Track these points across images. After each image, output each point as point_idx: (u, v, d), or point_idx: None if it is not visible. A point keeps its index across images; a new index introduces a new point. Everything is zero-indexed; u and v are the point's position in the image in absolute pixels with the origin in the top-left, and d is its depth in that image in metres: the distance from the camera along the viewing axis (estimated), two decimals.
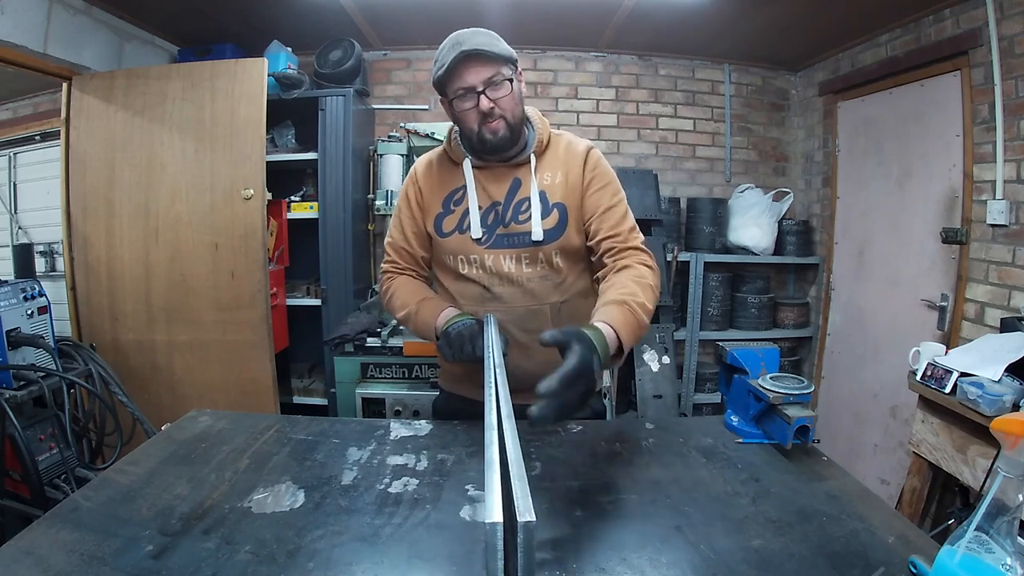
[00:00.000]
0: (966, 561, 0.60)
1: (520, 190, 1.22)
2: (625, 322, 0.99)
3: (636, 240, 1.20)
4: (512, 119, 1.16)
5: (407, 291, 1.27)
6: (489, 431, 0.60)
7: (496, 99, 1.12)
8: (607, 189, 1.22)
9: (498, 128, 1.15)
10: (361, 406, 2.34)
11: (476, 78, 1.11)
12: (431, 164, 1.30)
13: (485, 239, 1.22)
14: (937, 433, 1.73)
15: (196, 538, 0.79)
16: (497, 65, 1.12)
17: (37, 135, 3.10)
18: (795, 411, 1.03)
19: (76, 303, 2.47)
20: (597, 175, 1.23)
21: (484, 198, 1.23)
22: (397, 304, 1.27)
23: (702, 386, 3.22)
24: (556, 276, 1.24)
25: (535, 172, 1.22)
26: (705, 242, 3.13)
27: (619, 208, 1.22)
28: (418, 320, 1.23)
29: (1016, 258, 2.00)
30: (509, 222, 1.21)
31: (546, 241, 1.20)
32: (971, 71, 2.16)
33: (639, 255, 1.18)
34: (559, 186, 1.22)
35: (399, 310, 1.26)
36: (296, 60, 2.76)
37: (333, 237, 2.73)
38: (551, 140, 1.26)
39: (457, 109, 1.15)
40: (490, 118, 1.13)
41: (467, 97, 1.13)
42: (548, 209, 1.21)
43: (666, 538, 0.81)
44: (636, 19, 2.67)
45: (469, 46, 1.08)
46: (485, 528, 0.43)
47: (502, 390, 0.71)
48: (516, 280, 1.22)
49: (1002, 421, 0.60)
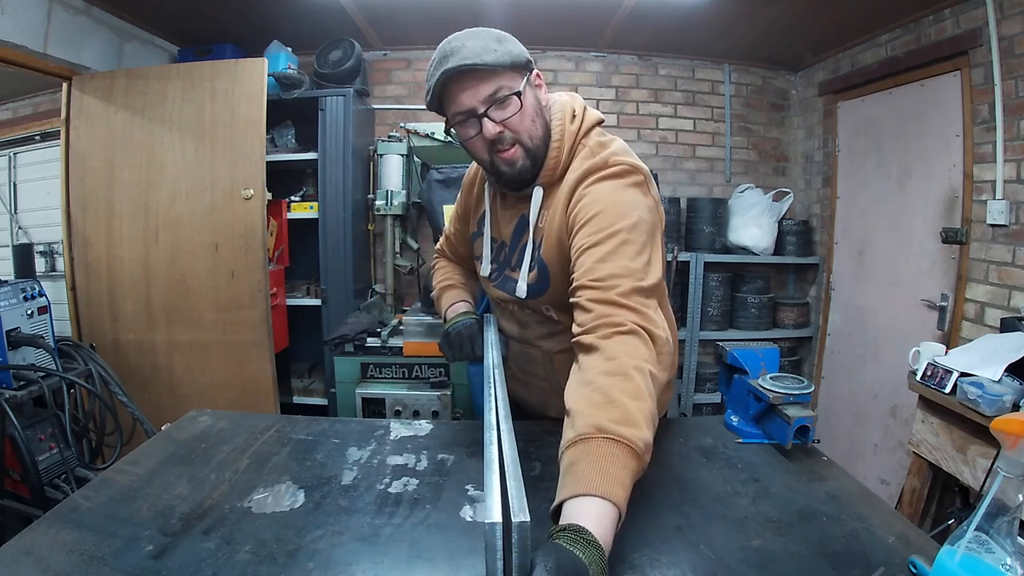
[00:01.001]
0: (966, 561, 0.60)
1: (524, 232, 1.04)
2: (602, 470, 0.64)
3: (619, 289, 0.80)
4: (530, 141, 0.95)
5: (442, 273, 1.32)
6: (488, 431, 0.60)
7: (503, 120, 0.92)
8: (591, 225, 0.88)
9: (514, 158, 0.95)
10: (361, 406, 2.34)
11: (473, 99, 0.91)
12: (477, 170, 1.18)
13: (494, 277, 1.14)
14: (937, 433, 1.73)
15: (196, 538, 0.79)
16: (497, 78, 0.90)
17: (37, 135, 3.10)
18: (795, 411, 1.03)
19: (76, 303, 2.47)
20: (580, 209, 0.92)
21: (496, 232, 1.12)
22: (434, 283, 1.32)
23: (702, 386, 3.22)
24: (552, 326, 1.08)
25: (540, 209, 1.00)
26: (705, 242, 3.13)
27: (603, 247, 0.85)
28: (439, 305, 1.26)
29: (1016, 258, 2.00)
30: (515, 266, 1.07)
31: (529, 298, 1.04)
32: (971, 71, 2.16)
33: (622, 315, 0.78)
34: (545, 231, 0.99)
35: (434, 289, 1.31)
36: (296, 60, 2.76)
37: (333, 237, 2.73)
38: (574, 162, 0.98)
39: (462, 138, 0.96)
40: (500, 144, 0.94)
41: (468, 122, 0.93)
42: (533, 263, 1.01)
43: (666, 538, 0.81)
44: (636, 19, 2.67)
45: (456, 61, 0.87)
46: (484, 528, 0.43)
47: (500, 390, 0.71)
48: (518, 320, 1.15)
49: (1002, 421, 0.60)
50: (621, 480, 0.64)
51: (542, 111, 0.98)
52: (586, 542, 0.57)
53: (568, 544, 0.56)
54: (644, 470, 0.69)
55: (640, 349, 0.76)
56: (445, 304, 1.22)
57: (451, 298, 1.23)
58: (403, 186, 2.73)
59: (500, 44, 0.91)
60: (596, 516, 0.61)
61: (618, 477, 0.64)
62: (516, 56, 0.92)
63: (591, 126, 1.02)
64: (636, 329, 0.77)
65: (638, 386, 0.72)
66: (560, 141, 0.98)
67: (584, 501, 0.62)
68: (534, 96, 0.96)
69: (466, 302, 1.23)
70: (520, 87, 0.92)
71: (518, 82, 0.93)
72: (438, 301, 1.26)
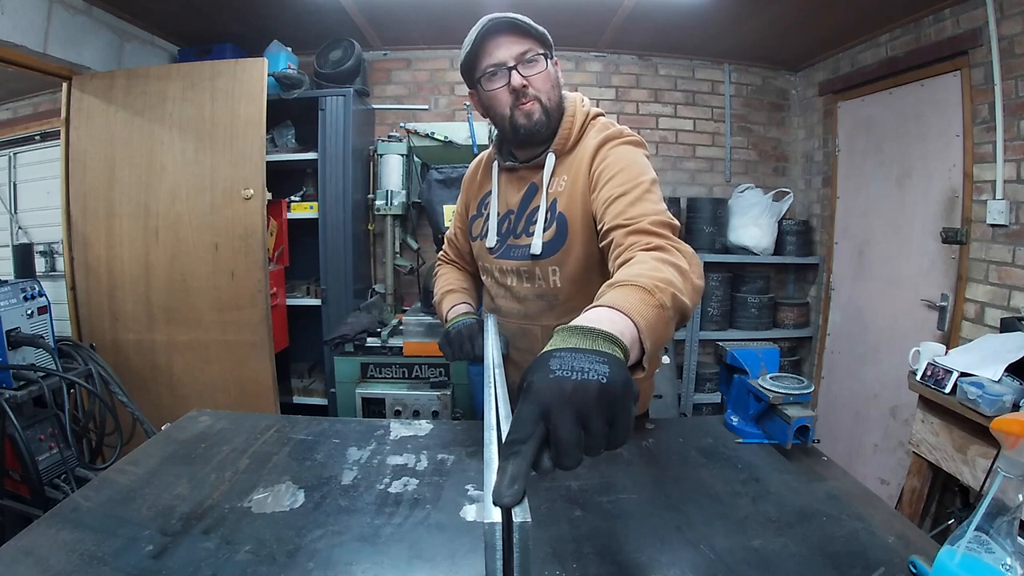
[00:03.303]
0: (966, 561, 0.60)
1: (534, 198, 1.13)
2: (629, 297, 0.63)
3: (648, 218, 0.87)
4: (548, 101, 1.06)
5: (444, 280, 1.33)
6: (488, 431, 0.59)
7: (529, 76, 1.03)
8: (617, 178, 0.98)
9: (532, 110, 1.05)
10: (361, 406, 2.34)
11: (507, 52, 1.02)
12: (479, 163, 1.29)
13: (497, 248, 1.19)
14: (937, 433, 1.73)
15: (196, 538, 0.79)
16: (530, 41, 1.04)
17: (37, 135, 3.10)
18: (795, 411, 1.03)
19: (76, 303, 2.47)
20: (605, 167, 1.02)
21: (503, 204, 1.19)
22: (435, 289, 1.33)
23: (702, 386, 3.22)
24: (552, 297, 1.13)
25: (552, 175, 1.10)
26: (705, 242, 3.13)
27: (631, 195, 0.94)
28: (439, 309, 1.26)
29: (1016, 258, 2.00)
30: (520, 233, 1.15)
31: (543, 255, 1.10)
32: (971, 71, 2.16)
33: (653, 239, 0.84)
34: (564, 193, 1.09)
35: (435, 295, 1.31)
36: (296, 60, 2.76)
37: (333, 237, 2.73)
38: (584, 136, 1.11)
39: (486, 89, 1.05)
40: (523, 97, 1.04)
41: (497, 75, 1.04)
42: (551, 220, 1.10)
43: (666, 538, 0.81)
44: (636, 19, 2.67)
45: (500, 16, 1.02)
46: (484, 529, 0.43)
47: (501, 390, 0.71)
48: (515, 294, 1.18)
49: (1002, 421, 0.60)
50: (636, 305, 0.61)
51: (559, 85, 1.10)
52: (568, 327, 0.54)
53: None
54: (671, 310, 0.66)
55: (673, 256, 0.79)
56: (446, 307, 1.23)
57: (452, 301, 1.24)
58: (403, 186, 2.73)
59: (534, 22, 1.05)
60: (602, 315, 0.59)
61: (632, 300, 0.62)
62: (544, 35, 1.06)
63: (596, 114, 1.16)
64: (667, 247, 0.82)
65: (672, 263, 0.75)
66: (572, 117, 1.10)
67: (594, 311, 0.60)
68: (556, 70, 1.08)
69: (467, 304, 1.24)
70: (547, 54, 1.06)
71: (545, 51, 1.06)
72: (439, 305, 1.27)
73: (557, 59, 1.09)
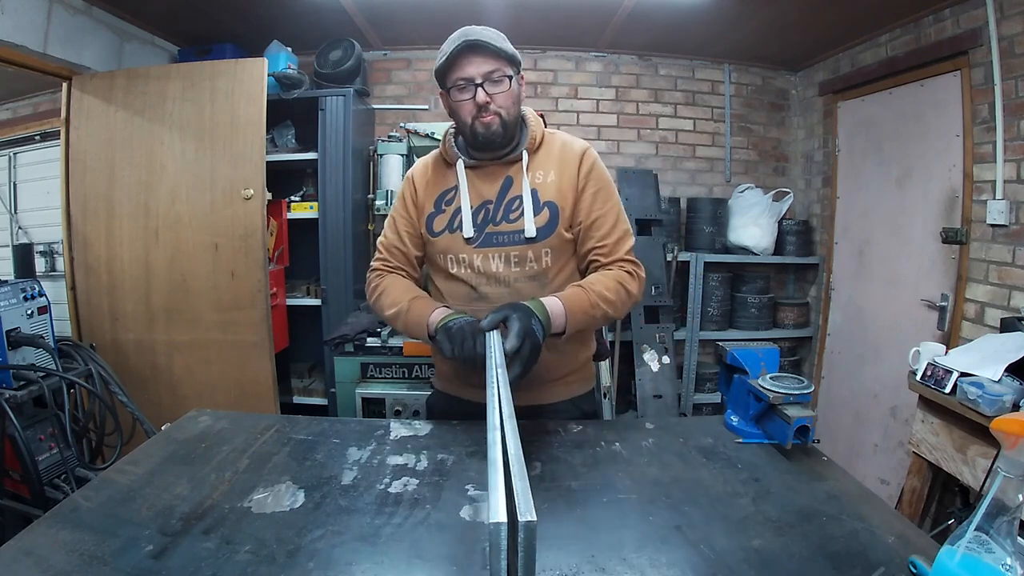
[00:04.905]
0: (966, 561, 0.60)
1: (511, 188, 1.23)
2: (572, 296, 1.12)
3: (623, 250, 1.22)
4: (507, 116, 1.17)
5: (398, 289, 1.24)
6: (492, 431, 0.59)
7: (493, 94, 1.14)
8: (600, 195, 1.22)
9: (491, 123, 1.16)
10: (361, 406, 2.34)
11: (476, 70, 1.12)
12: (427, 165, 1.33)
13: (475, 238, 1.22)
14: (937, 433, 1.73)
15: (196, 538, 0.79)
16: (499, 61, 1.14)
17: (37, 135, 3.10)
18: (795, 411, 1.03)
19: (76, 303, 2.47)
20: (592, 179, 1.23)
21: (475, 197, 1.23)
22: (386, 302, 1.23)
23: (702, 386, 3.22)
24: (543, 276, 1.23)
25: (527, 170, 1.22)
26: (705, 242, 3.13)
27: (609, 216, 1.22)
28: (409, 318, 1.18)
29: (1016, 258, 2.00)
30: (500, 221, 1.21)
31: (538, 239, 1.20)
32: (971, 71, 2.16)
33: (623, 266, 1.21)
34: (551, 185, 1.22)
35: (388, 308, 1.23)
36: (296, 60, 2.76)
37: (333, 237, 2.73)
38: (544, 138, 1.27)
39: (453, 99, 1.16)
40: (485, 112, 1.14)
41: (465, 88, 1.14)
42: (539, 207, 1.21)
43: (666, 538, 0.81)
44: (636, 19, 2.67)
45: (474, 37, 1.11)
46: (488, 528, 0.42)
47: (504, 389, 0.71)
48: (504, 280, 1.22)
49: (1002, 421, 0.60)
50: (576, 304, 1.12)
51: (519, 101, 1.22)
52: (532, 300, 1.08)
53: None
54: (600, 309, 1.15)
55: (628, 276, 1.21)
56: (423, 312, 1.16)
57: (428, 305, 1.18)
58: None
59: (506, 42, 1.16)
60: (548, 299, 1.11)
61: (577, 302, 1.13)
62: (513, 55, 1.17)
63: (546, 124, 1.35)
64: (629, 269, 1.22)
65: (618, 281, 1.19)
66: (535, 127, 1.26)
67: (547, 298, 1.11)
68: (517, 87, 1.20)
69: (447, 308, 1.19)
70: (512, 75, 1.17)
71: (511, 72, 1.17)
72: (407, 315, 1.19)
73: (524, 75, 1.22)
